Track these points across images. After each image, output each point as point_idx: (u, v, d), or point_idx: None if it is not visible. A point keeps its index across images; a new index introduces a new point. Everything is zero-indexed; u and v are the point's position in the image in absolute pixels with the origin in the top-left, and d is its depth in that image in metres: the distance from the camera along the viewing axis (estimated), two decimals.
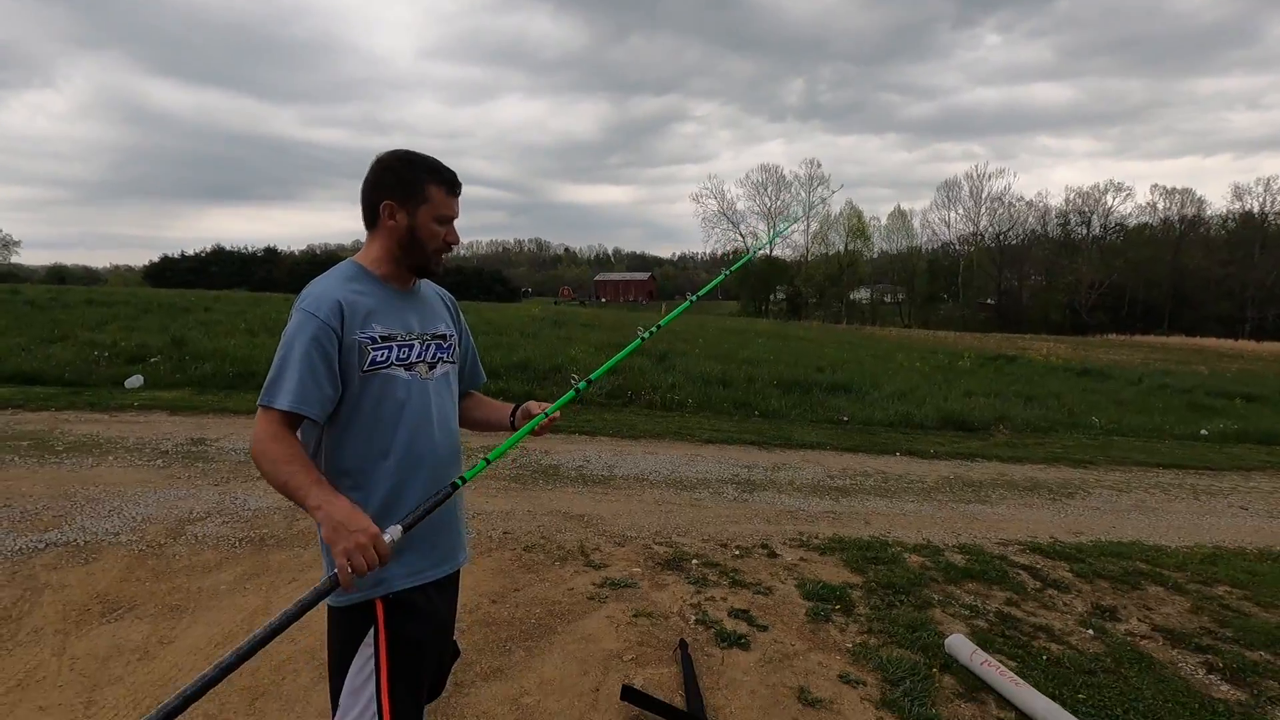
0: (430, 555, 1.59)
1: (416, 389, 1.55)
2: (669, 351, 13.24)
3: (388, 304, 1.55)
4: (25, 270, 66.71)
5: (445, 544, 1.63)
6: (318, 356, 1.43)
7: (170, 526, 4.01)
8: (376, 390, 1.50)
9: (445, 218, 1.57)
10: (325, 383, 1.44)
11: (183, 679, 2.56)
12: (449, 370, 1.66)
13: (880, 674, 2.87)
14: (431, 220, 1.55)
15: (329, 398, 1.45)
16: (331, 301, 1.47)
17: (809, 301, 62.09)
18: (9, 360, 8.82)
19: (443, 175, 1.56)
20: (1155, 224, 59.72)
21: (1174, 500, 6.25)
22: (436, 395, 1.59)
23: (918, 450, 7.47)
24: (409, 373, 1.54)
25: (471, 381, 1.86)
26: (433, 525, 1.53)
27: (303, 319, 1.45)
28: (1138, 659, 3.15)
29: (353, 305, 1.49)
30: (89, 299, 17.89)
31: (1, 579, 3.26)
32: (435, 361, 1.61)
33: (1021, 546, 4.62)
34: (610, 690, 2.63)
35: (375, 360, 1.49)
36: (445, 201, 1.56)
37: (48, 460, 5.18)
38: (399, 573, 1.51)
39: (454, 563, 1.66)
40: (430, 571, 1.58)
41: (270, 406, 1.41)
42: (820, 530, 4.67)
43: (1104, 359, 22.50)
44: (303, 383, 1.41)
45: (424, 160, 1.56)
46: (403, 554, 1.50)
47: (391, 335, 1.53)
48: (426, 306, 1.66)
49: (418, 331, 1.58)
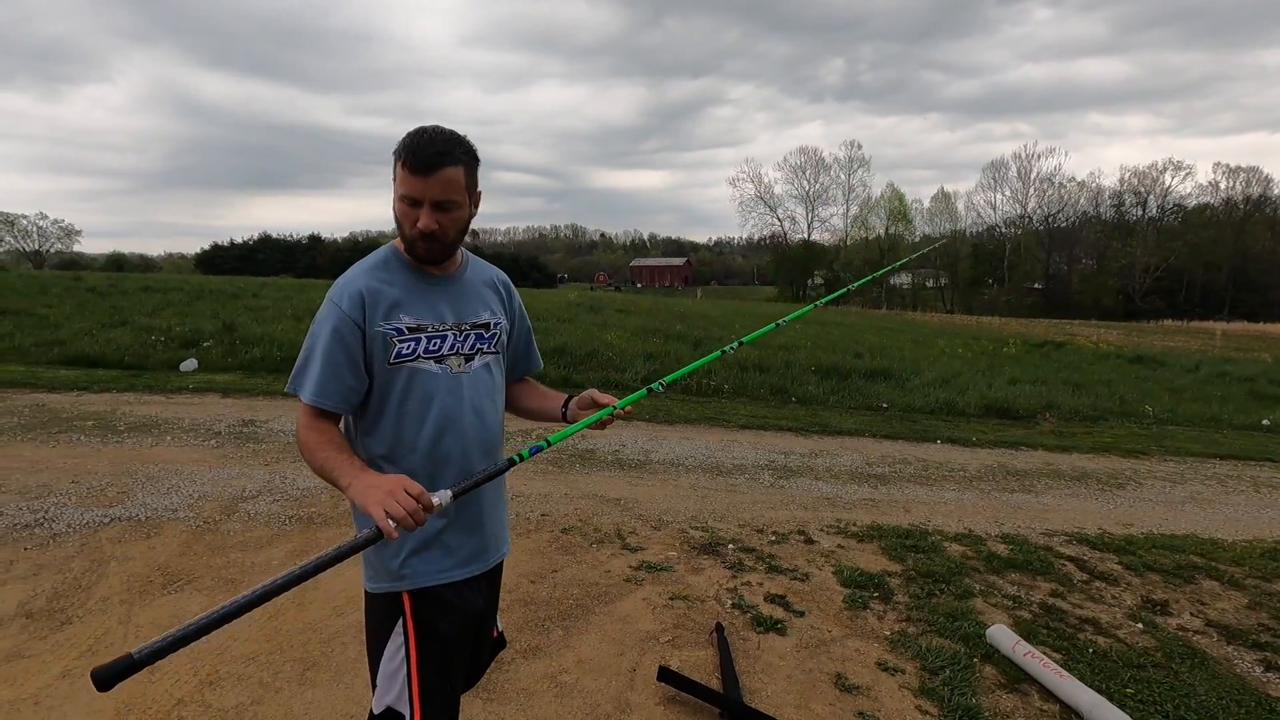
0: (456, 554, 1.53)
1: (447, 383, 1.47)
2: (704, 338, 13.20)
3: (418, 292, 1.48)
4: (86, 258, 69.70)
5: (474, 543, 1.55)
6: (339, 349, 1.40)
7: (224, 504, 4.18)
8: (403, 384, 1.44)
9: (407, 198, 1.40)
10: (348, 374, 1.40)
11: (238, 649, 2.68)
12: (490, 361, 1.57)
13: (919, 663, 2.85)
14: (398, 199, 1.42)
15: (352, 389, 1.42)
16: (354, 292, 1.42)
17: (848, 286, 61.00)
18: (74, 344, 9.27)
19: (406, 149, 1.38)
20: (1217, 204, 56.98)
21: (1232, 493, 6.00)
22: (472, 389, 1.51)
23: (960, 438, 7.31)
24: (439, 365, 1.46)
25: (525, 367, 1.78)
26: (464, 523, 1.51)
27: (327, 309, 1.43)
28: (1190, 654, 3.06)
29: (376, 295, 1.42)
30: (145, 286, 18.62)
31: (72, 550, 3.45)
32: (473, 353, 1.52)
33: (1068, 538, 4.51)
34: (647, 671, 2.66)
35: (401, 353, 1.43)
36: (405, 179, 1.39)
37: (110, 439, 5.44)
38: (424, 569, 1.48)
39: (483, 562, 1.58)
40: (456, 571, 1.52)
41: (298, 395, 1.42)
42: (858, 517, 4.62)
43: (1159, 346, 21.65)
44: (324, 375, 1.39)
45: (410, 134, 1.40)
46: (430, 550, 1.48)
47: (420, 326, 1.45)
48: (467, 293, 1.56)
49: (452, 321, 1.50)
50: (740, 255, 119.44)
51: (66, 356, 8.81)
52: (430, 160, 1.36)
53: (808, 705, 2.54)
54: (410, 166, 1.37)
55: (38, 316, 11.56)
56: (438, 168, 1.37)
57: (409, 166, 1.37)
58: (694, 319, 17.77)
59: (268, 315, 12.88)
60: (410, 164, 1.37)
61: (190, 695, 2.39)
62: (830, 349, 13.07)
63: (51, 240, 64.09)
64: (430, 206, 1.39)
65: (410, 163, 1.37)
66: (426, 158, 1.36)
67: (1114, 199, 59.19)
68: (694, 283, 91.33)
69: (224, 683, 2.47)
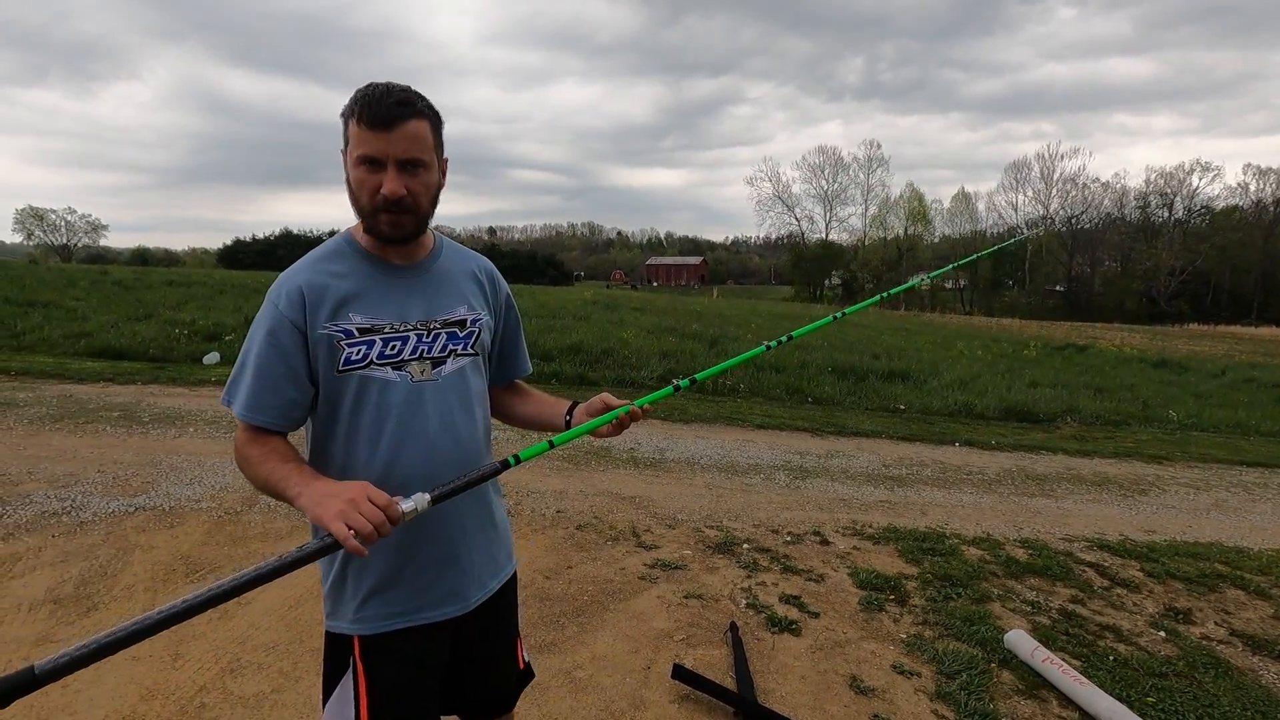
0: (426, 594, 1.30)
1: (406, 393, 1.24)
2: (720, 336, 13.17)
3: (376, 286, 1.26)
4: (112, 253, 70.95)
5: (448, 581, 1.32)
6: (274, 356, 1.20)
7: (245, 495, 4.24)
8: (352, 396, 1.23)
9: (364, 158, 1.17)
10: (286, 385, 1.21)
11: (259, 637, 2.72)
12: (466, 365, 1.33)
13: (935, 666, 2.82)
14: (354, 164, 1.19)
15: (292, 401, 1.22)
16: (293, 288, 1.22)
17: (865, 287, 60.60)
18: (100, 336, 9.46)
19: (359, 103, 1.17)
20: (1246, 206, 55.76)
21: (1258, 500, 5.89)
22: (439, 399, 1.28)
23: (978, 441, 7.24)
24: (398, 373, 1.24)
25: (511, 370, 1.54)
26: (434, 557, 1.30)
27: (263, 310, 1.24)
28: (1213, 664, 3.00)
29: (321, 291, 1.22)
30: (169, 280, 18.92)
31: (98, 538, 3.53)
32: (444, 355, 1.30)
33: (1088, 543, 4.45)
34: (661, 668, 2.67)
35: (350, 359, 1.22)
36: (362, 137, 1.16)
37: (135, 430, 5.54)
38: (380, 613, 1.28)
39: (461, 602, 1.35)
40: (425, 613, 1.30)
41: (231, 409, 1.24)
42: (874, 519, 4.60)
43: (1184, 350, 21.25)
44: (257, 386, 1.21)
45: (358, 91, 1.19)
46: (393, 589, 1.28)
47: (375, 327, 1.24)
48: (439, 285, 1.33)
49: (418, 319, 1.28)
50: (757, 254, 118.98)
51: (93, 348, 8.99)
52: (392, 111, 1.16)
53: (822, 706, 2.53)
54: (368, 121, 1.15)
55: (66, 309, 11.79)
56: (401, 119, 1.16)
57: (366, 121, 1.15)
58: (710, 318, 17.73)
59: None
60: (368, 118, 1.15)
61: (212, 682, 2.44)
62: (847, 350, 12.98)
63: (79, 235, 65.35)
64: (395, 168, 1.17)
65: (367, 116, 1.15)
66: (387, 108, 1.15)
67: (1139, 200, 58.19)
68: (710, 282, 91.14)
69: (245, 671, 2.52)
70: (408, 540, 1.27)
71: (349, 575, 1.30)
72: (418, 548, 1.29)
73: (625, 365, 9.47)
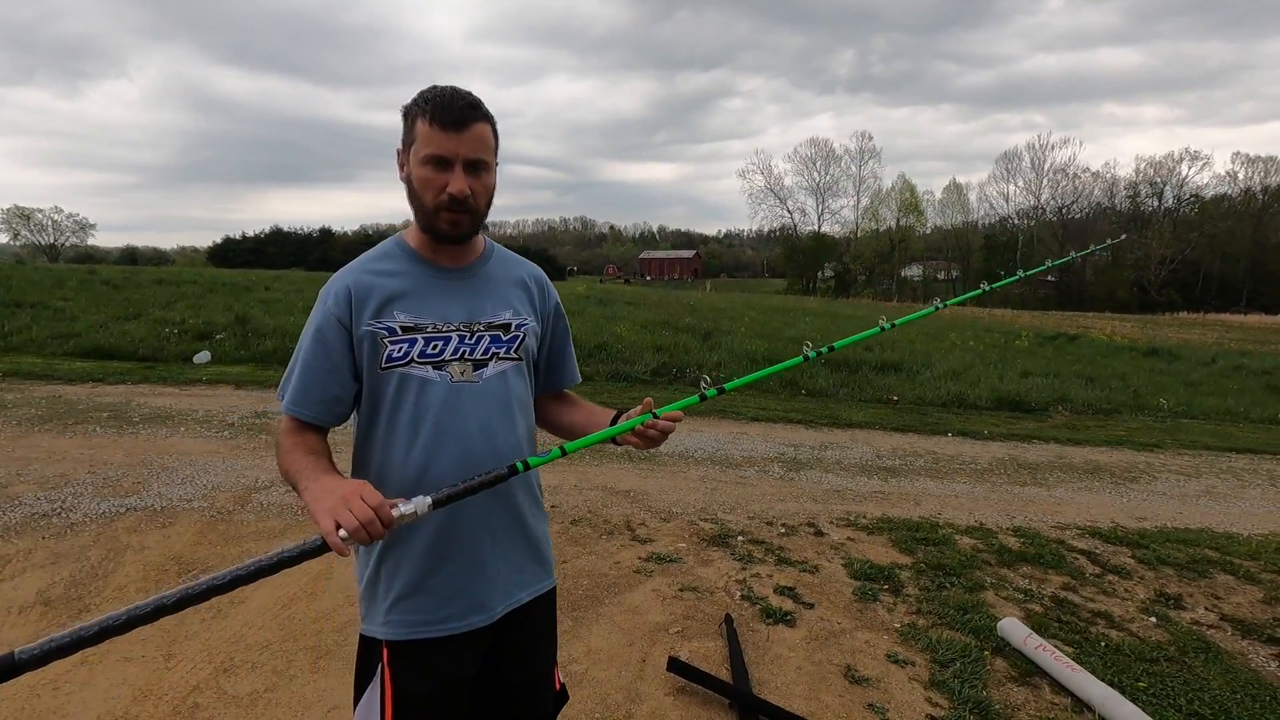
0: (451, 604, 1.28)
1: (444, 393, 1.25)
2: (714, 330, 13.17)
3: (423, 286, 1.28)
4: (100, 252, 70.38)
5: (474, 591, 1.30)
6: (320, 352, 1.24)
7: (238, 494, 4.22)
8: (393, 391, 1.25)
9: (433, 157, 1.19)
10: (329, 381, 1.24)
11: (252, 636, 2.71)
12: (508, 369, 1.32)
13: (929, 655, 2.84)
14: (419, 163, 1.20)
15: (335, 397, 1.25)
16: (341, 287, 1.26)
17: (858, 279, 60.74)
18: (89, 336, 9.38)
19: (430, 103, 1.18)
20: (1235, 195, 56.09)
21: (1248, 487, 5.94)
22: (477, 402, 1.27)
23: (971, 431, 7.27)
24: (438, 372, 1.25)
25: (560, 379, 1.53)
26: (459, 565, 1.28)
27: (315, 306, 1.28)
28: (1204, 649, 3.03)
29: (367, 289, 1.25)
30: (159, 279, 18.77)
31: (89, 539, 3.50)
32: (486, 358, 1.29)
33: (1080, 531, 4.48)
34: (657, 661, 2.67)
35: (392, 356, 1.23)
36: (429, 136, 1.18)
37: (126, 431, 5.50)
38: (406, 620, 1.28)
39: (486, 613, 1.32)
40: (447, 624, 1.28)
41: (281, 402, 1.28)
42: (868, 510, 4.61)
43: (1174, 338, 21.39)
44: (303, 381, 1.25)
45: (427, 91, 1.21)
46: (418, 596, 1.27)
47: (418, 326, 1.25)
48: (486, 289, 1.34)
49: (460, 321, 1.28)
50: (750, 247, 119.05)
51: (82, 348, 8.91)
52: (463, 113, 1.18)
53: (817, 696, 2.54)
54: (440, 121, 1.17)
55: (54, 309, 11.68)
56: (470, 121, 1.19)
57: (438, 122, 1.18)
58: (704, 311, 17.73)
59: (279, 308, 12.96)
60: (440, 118, 1.17)
61: (206, 682, 2.43)
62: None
63: (66, 234, 64.80)
64: (463, 167, 1.20)
65: (439, 117, 1.17)
66: (459, 110, 1.18)
67: (1129, 190, 58.46)
68: (703, 275, 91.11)
69: (239, 670, 2.51)
70: (436, 545, 1.27)
71: (381, 578, 1.30)
72: (445, 554, 1.28)
73: (619, 360, 9.46)
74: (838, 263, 61.98)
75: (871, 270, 60.98)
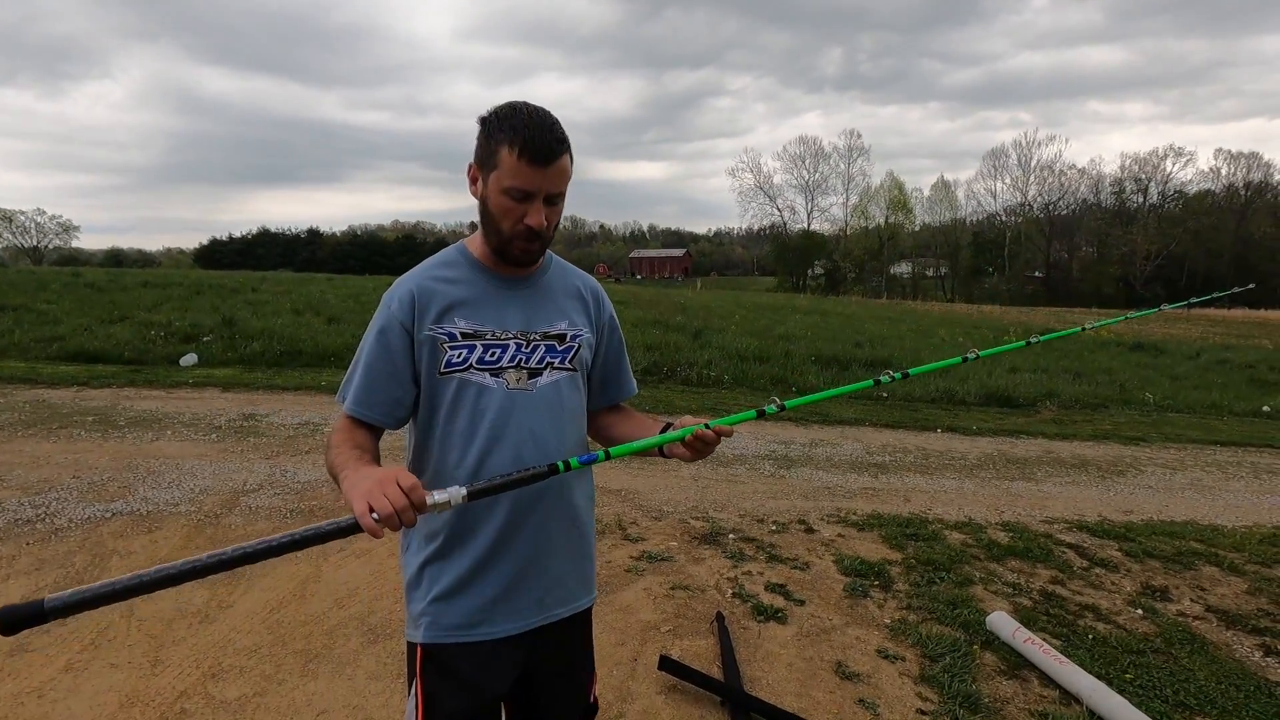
0: (503, 605, 1.29)
1: (500, 399, 1.26)
2: (704, 328, 13.18)
3: (484, 294, 1.30)
4: (84, 254, 69.63)
5: (527, 590, 1.31)
6: (382, 354, 1.26)
7: (225, 498, 4.19)
8: (451, 397, 1.26)
9: (515, 190, 1.20)
10: (391, 383, 1.26)
11: (240, 640, 2.69)
12: (562, 379, 1.33)
13: (919, 650, 2.86)
14: (499, 191, 1.21)
15: (396, 400, 1.27)
16: (405, 291, 1.28)
17: (848, 276, 60.99)
18: (74, 340, 9.27)
19: (519, 135, 1.17)
20: (1218, 191, 56.71)
21: (1232, 479, 6.01)
22: (530, 410, 1.28)
23: (960, 427, 7.32)
24: (495, 379, 1.27)
25: (615, 392, 1.52)
26: (511, 559, 1.29)
27: (378, 310, 1.30)
28: (1190, 640, 3.07)
29: (430, 294, 1.27)
30: (145, 281, 18.60)
31: (74, 545, 3.46)
32: (541, 367, 1.31)
33: (1068, 525, 4.51)
34: (648, 660, 2.67)
35: (451, 361, 1.26)
36: (515, 169, 1.18)
37: (111, 435, 5.44)
38: (441, 620, 1.28)
39: (541, 613, 1.33)
40: (477, 629, 1.28)
41: (343, 405, 1.29)
42: (858, 506, 4.63)
43: (1159, 333, 21.63)
44: (365, 383, 1.26)
45: (514, 115, 1.19)
46: (461, 596, 1.28)
47: (477, 333, 1.27)
48: (543, 299, 1.35)
49: (517, 329, 1.30)
50: (740, 246, 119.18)
51: (66, 352, 8.81)
52: (551, 148, 1.18)
53: (808, 693, 2.55)
54: (530, 156, 1.17)
55: (37, 312, 11.55)
56: (557, 156, 1.19)
57: (529, 156, 1.17)
58: (694, 310, 17.75)
59: (267, 309, 12.87)
60: (530, 153, 1.17)
61: (193, 687, 2.41)
62: (830, 339, 13.06)
63: (49, 236, 64.06)
64: (542, 201, 1.22)
65: (530, 152, 1.17)
66: (547, 145, 1.18)
67: (1115, 186, 58.97)
68: (694, 274, 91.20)
69: (227, 675, 2.49)
70: (489, 546, 1.27)
71: (424, 579, 1.30)
72: (495, 556, 1.28)
73: None
74: (827, 260, 62.21)
75: (861, 268, 61.24)
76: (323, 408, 6.66)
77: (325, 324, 11.52)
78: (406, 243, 64.81)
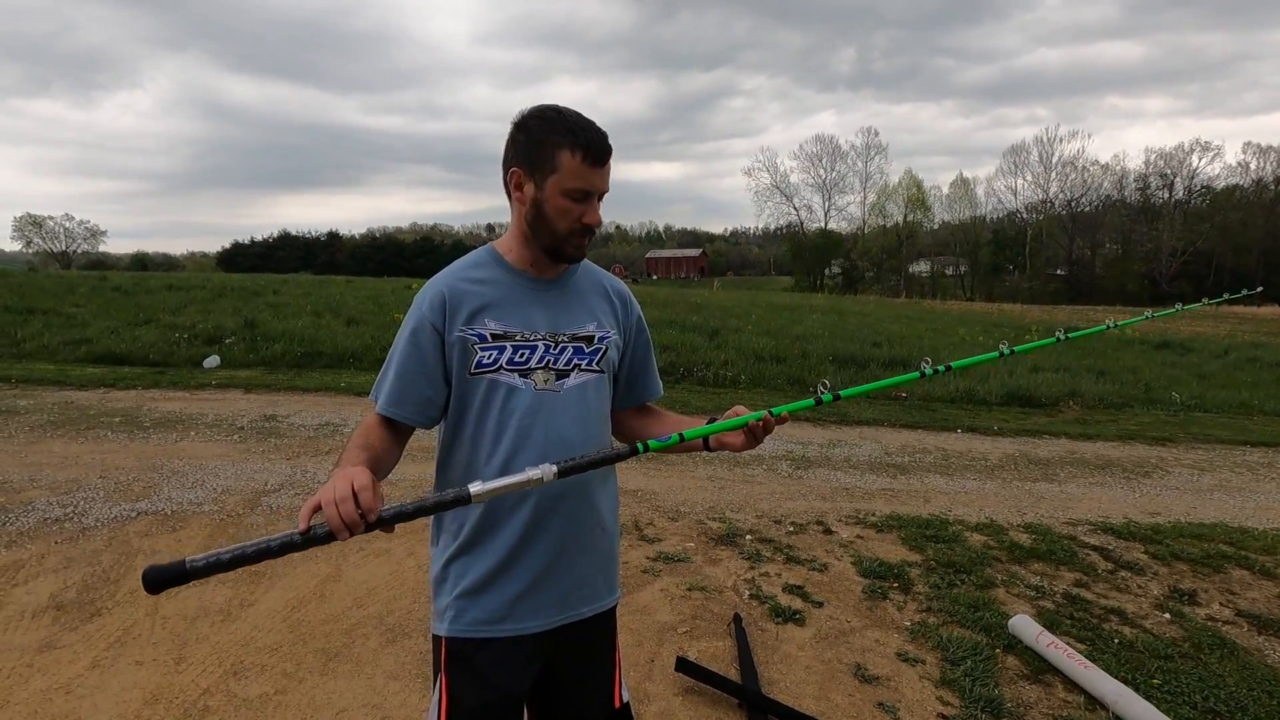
0: (513, 606, 1.30)
1: (529, 400, 1.28)
2: (721, 328, 13.14)
3: (514, 296, 1.32)
4: (111, 258, 70.95)
5: (552, 585, 1.32)
6: (414, 355, 1.28)
7: (247, 498, 4.24)
8: (480, 398, 1.28)
9: (577, 191, 1.24)
10: (423, 383, 1.28)
11: (261, 639, 2.72)
12: (589, 381, 1.35)
13: (940, 653, 2.82)
14: (560, 194, 1.25)
15: (427, 399, 1.29)
16: (435, 293, 1.30)
17: (865, 275, 60.47)
18: (100, 342, 9.46)
19: (579, 138, 1.22)
20: (1246, 185, 55.40)
21: (1262, 480, 5.87)
22: (557, 411, 1.30)
23: (981, 427, 7.22)
24: (524, 380, 1.28)
25: (642, 392, 1.53)
26: (540, 552, 1.30)
27: (410, 311, 1.32)
28: (1219, 644, 2.99)
29: (461, 295, 1.29)
30: (169, 284, 18.90)
31: (100, 544, 3.53)
32: (569, 369, 1.32)
33: (1092, 527, 4.43)
34: (665, 661, 2.66)
35: (481, 362, 1.27)
36: (578, 171, 1.23)
37: (137, 435, 5.54)
38: (465, 614, 1.29)
39: (567, 611, 1.34)
40: (502, 624, 1.29)
41: (375, 403, 1.31)
42: (877, 507, 4.59)
43: (1186, 331, 21.20)
44: (398, 383, 1.28)
45: (563, 118, 1.24)
46: (486, 592, 1.29)
47: (507, 334, 1.29)
48: (572, 300, 1.37)
49: (546, 331, 1.31)
50: (756, 245, 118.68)
51: (93, 354, 8.99)
52: (607, 149, 1.26)
53: (827, 696, 2.52)
54: (590, 158, 1.24)
55: (65, 316, 11.79)
56: (609, 156, 1.27)
57: (589, 158, 1.23)
58: (710, 310, 17.70)
59: (288, 311, 13.02)
60: (592, 155, 1.24)
61: (216, 685, 2.44)
62: (848, 338, 12.95)
63: (78, 241, 65.39)
64: (598, 199, 1.29)
65: (592, 154, 1.24)
66: (604, 147, 1.25)
67: (1139, 182, 57.86)
68: (710, 274, 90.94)
69: (248, 673, 2.52)
70: (514, 544, 1.29)
71: (450, 574, 1.32)
72: (520, 553, 1.29)
73: None
74: (845, 259, 61.71)
75: (879, 266, 60.70)
76: (343, 409, 6.73)
77: (345, 326, 11.65)
78: (424, 245, 65.24)
